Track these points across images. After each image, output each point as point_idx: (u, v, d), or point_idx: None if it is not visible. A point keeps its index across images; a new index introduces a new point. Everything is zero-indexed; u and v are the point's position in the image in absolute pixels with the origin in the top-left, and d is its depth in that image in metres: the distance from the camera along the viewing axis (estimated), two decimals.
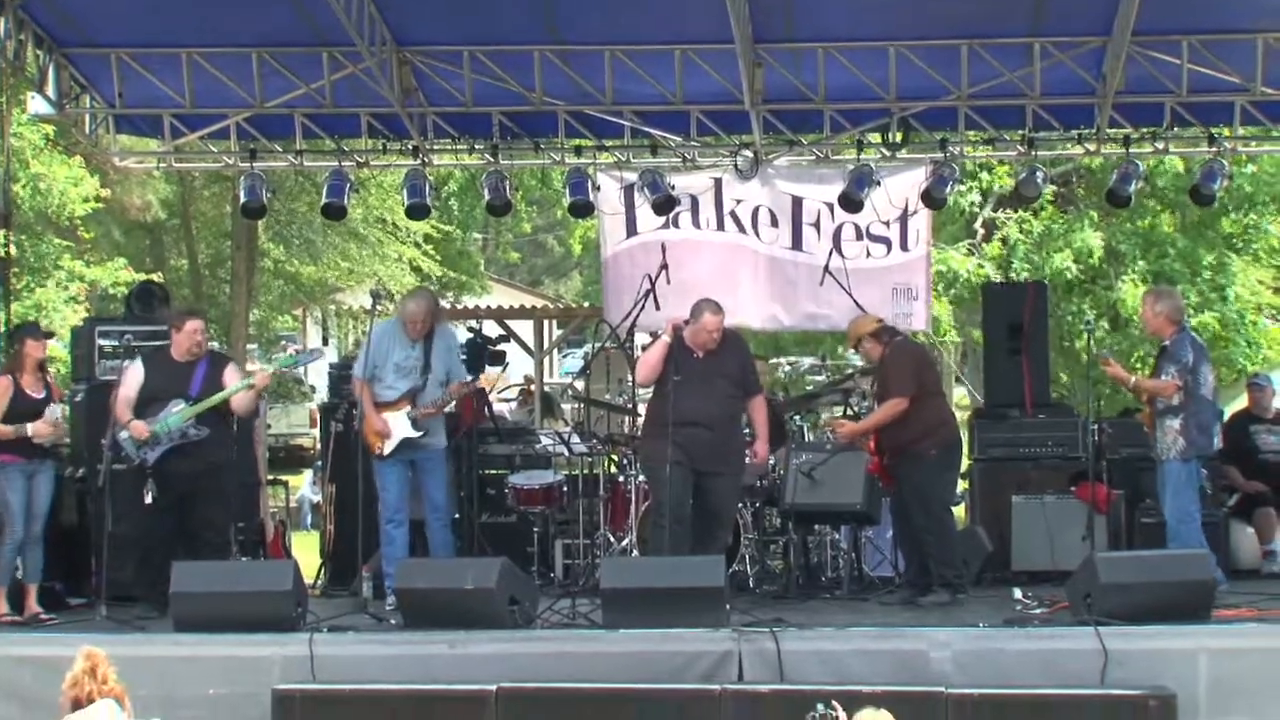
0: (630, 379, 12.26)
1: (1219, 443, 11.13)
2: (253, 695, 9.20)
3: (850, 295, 12.91)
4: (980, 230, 21.98)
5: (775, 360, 19.86)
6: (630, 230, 13.79)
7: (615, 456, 12.43)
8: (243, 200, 13.41)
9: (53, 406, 10.88)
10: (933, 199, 13.26)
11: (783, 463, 11.59)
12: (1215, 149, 13.03)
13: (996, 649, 9.25)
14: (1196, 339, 11.09)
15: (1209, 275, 21.05)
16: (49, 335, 11.53)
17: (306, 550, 13.91)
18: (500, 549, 11.41)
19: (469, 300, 30.26)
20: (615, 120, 13.14)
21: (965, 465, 12.40)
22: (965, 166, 15.00)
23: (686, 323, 10.79)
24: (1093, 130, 13.00)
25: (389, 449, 10.96)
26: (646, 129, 13.23)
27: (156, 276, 21.85)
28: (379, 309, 11.50)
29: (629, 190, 13.61)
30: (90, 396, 11.83)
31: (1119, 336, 21.11)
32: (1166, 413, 10.66)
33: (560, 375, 33.09)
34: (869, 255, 13.63)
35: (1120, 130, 13.00)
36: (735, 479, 10.96)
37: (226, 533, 11.25)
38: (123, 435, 10.63)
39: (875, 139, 13.59)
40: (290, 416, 30.12)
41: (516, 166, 13.98)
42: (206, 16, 12.10)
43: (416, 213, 13.86)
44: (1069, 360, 20.87)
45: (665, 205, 13.24)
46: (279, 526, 13.88)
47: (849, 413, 12.23)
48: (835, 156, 13.58)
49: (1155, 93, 12.62)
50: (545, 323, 25.59)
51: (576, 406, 15.72)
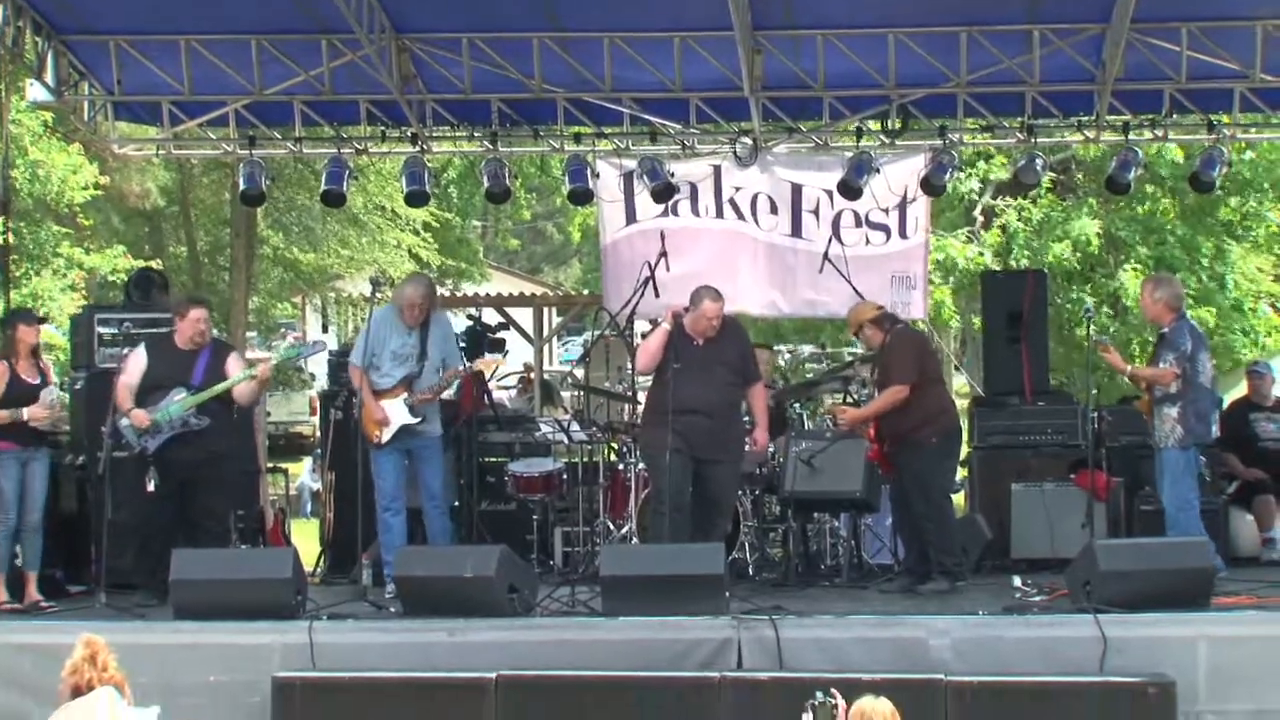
0: (630, 367, 12.24)
1: (1217, 431, 11.12)
2: (252, 683, 9.22)
3: (849, 283, 12.89)
4: (980, 218, 21.96)
5: (778, 349, 19.82)
6: (629, 218, 13.77)
7: (615, 444, 12.43)
8: (241, 187, 13.38)
9: (49, 389, 10.88)
10: (932, 186, 13.23)
11: (782, 450, 11.59)
12: (1214, 136, 13.03)
13: (996, 636, 9.25)
14: (1195, 327, 11.08)
15: (1208, 264, 21.03)
16: (42, 320, 11.51)
17: (306, 538, 13.91)
18: (500, 537, 11.40)
19: (468, 288, 30.24)
20: (614, 107, 13.11)
21: (965, 453, 12.41)
22: (964, 154, 14.96)
23: (686, 310, 10.79)
24: (1092, 117, 12.98)
25: (387, 437, 10.96)
26: (646, 116, 13.20)
27: (155, 264, 21.86)
28: (378, 296, 11.49)
29: (628, 178, 13.58)
30: (90, 384, 11.83)
31: (1121, 326, 21.06)
32: (1165, 401, 10.66)
33: (560, 363, 33.11)
34: (868, 242, 13.60)
35: (1119, 117, 12.99)
36: (735, 466, 10.97)
37: (226, 521, 11.25)
38: (123, 423, 10.62)
39: (874, 126, 13.57)
40: (290, 404, 30.17)
41: (516, 154, 13.95)
42: (205, 3, 12.07)
43: (416, 200, 13.83)
44: (1069, 348, 20.84)
45: (664, 193, 13.22)
46: (279, 514, 13.89)
47: (849, 400, 12.22)
48: (834, 144, 13.56)
49: (1154, 79, 12.59)
50: (545, 310, 25.61)
51: (576, 394, 15.71)
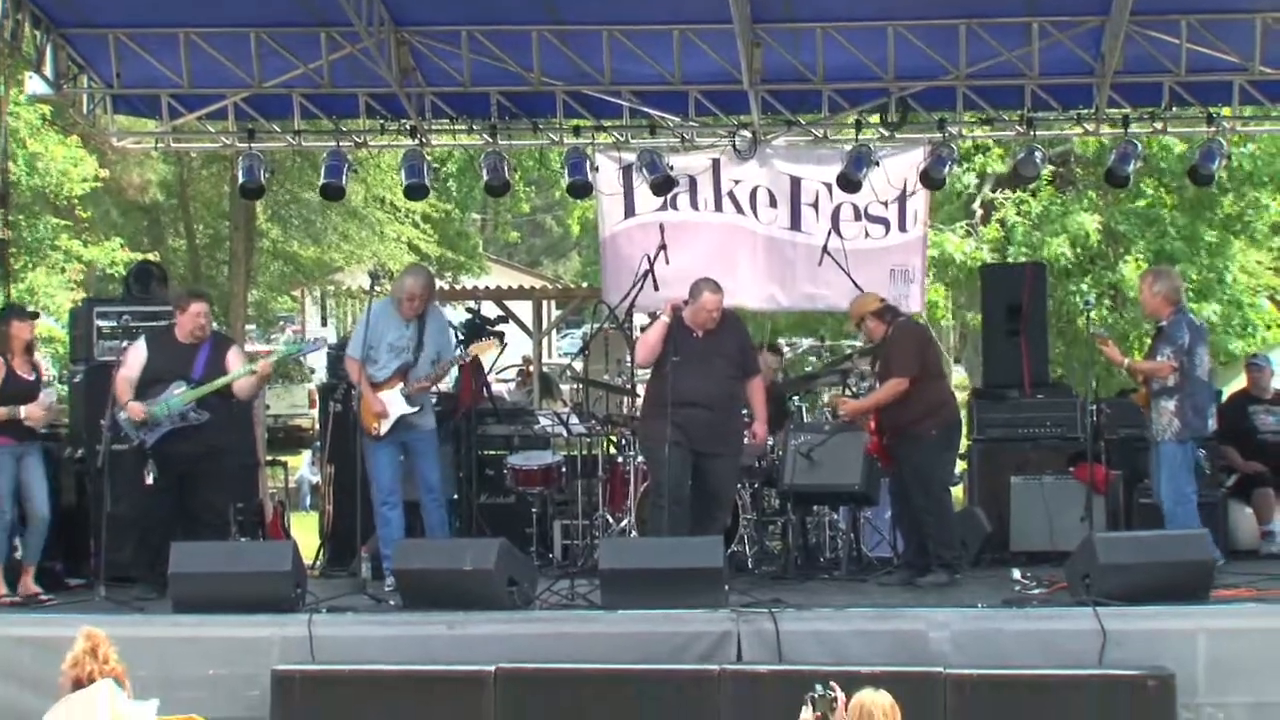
0: (629, 359, 12.24)
1: (1214, 424, 11.12)
2: (252, 676, 9.23)
3: (849, 276, 12.90)
4: (979, 211, 21.93)
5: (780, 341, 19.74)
6: (629, 211, 13.78)
7: (614, 437, 12.42)
8: (241, 180, 13.37)
9: (48, 390, 10.87)
10: (931, 179, 13.23)
11: (781, 443, 11.60)
12: (1214, 129, 13.02)
13: (995, 629, 9.26)
14: (1194, 320, 11.05)
15: (1207, 258, 20.99)
16: (34, 316, 11.47)
17: (305, 531, 13.93)
18: (499, 530, 11.39)
19: (467, 281, 30.23)
20: (614, 100, 13.09)
21: (964, 446, 12.41)
22: (962, 148, 14.95)
23: (686, 303, 10.79)
24: (1091, 110, 12.98)
25: (386, 428, 10.95)
26: (645, 109, 13.17)
27: (154, 256, 21.85)
28: (378, 289, 11.49)
29: (627, 171, 13.58)
30: (89, 377, 11.83)
31: (1121, 319, 21.03)
32: (1162, 394, 10.66)
33: (559, 356, 33.10)
34: (867, 236, 13.61)
35: (1119, 110, 12.98)
36: (734, 460, 10.98)
37: (226, 514, 11.25)
38: (122, 415, 10.62)
39: (874, 119, 13.56)
40: (289, 397, 30.21)
41: (515, 147, 13.96)
42: None
43: (415, 193, 13.81)
44: (1068, 342, 20.82)
45: (663, 186, 13.21)
46: (278, 507, 13.86)
47: (849, 393, 12.22)
48: (834, 137, 13.54)
49: (1154, 72, 12.57)
50: (544, 303, 25.59)
51: (575, 387, 15.70)
